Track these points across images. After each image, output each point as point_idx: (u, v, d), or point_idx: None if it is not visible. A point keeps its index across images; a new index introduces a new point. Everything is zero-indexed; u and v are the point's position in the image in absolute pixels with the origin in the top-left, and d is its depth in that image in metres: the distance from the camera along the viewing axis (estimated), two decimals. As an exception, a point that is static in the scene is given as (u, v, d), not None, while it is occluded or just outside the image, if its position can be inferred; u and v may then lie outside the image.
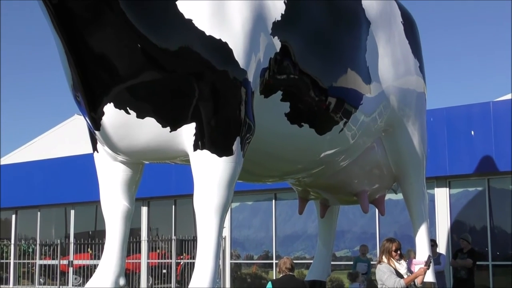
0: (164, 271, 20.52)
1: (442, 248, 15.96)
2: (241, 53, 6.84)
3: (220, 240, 6.77)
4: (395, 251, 8.36)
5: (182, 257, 20.31)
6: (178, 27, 6.59)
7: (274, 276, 18.17)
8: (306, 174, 9.82)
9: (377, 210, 11.81)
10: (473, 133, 15.98)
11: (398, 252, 8.40)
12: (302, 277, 14.09)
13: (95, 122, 6.79)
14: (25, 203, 24.64)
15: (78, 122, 25.94)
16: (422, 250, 10.42)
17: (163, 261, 20.85)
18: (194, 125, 6.73)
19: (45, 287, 22.61)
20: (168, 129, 6.75)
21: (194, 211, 6.79)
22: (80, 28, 6.26)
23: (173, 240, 19.94)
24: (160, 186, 20.46)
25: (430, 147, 12.56)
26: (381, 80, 9.49)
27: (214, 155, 6.72)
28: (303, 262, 18.73)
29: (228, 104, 6.81)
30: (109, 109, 6.63)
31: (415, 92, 10.43)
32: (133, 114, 6.64)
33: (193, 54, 6.60)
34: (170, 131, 6.76)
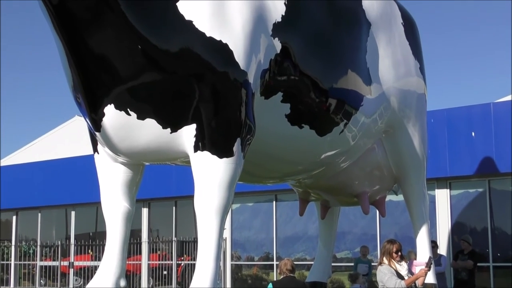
0: (164, 273, 20.52)
1: (443, 249, 15.94)
2: (241, 54, 6.84)
3: (220, 241, 6.76)
4: (396, 253, 8.36)
5: (182, 258, 20.29)
6: (178, 28, 6.58)
7: (275, 277, 18.16)
8: (307, 175, 9.82)
9: (377, 212, 11.80)
10: (473, 134, 15.97)
11: (399, 253, 8.41)
12: (302, 278, 14.08)
13: (96, 123, 6.79)
14: (25, 204, 24.65)
15: (79, 123, 25.96)
16: (423, 252, 10.42)
17: (164, 262, 20.83)
18: (194, 126, 6.73)
19: (45, 289, 22.63)
20: (168, 130, 6.74)
21: (195, 213, 6.79)
22: (80, 29, 6.26)
23: (173, 241, 19.94)
24: (160, 188, 20.45)
25: (431, 148, 12.56)
26: (381, 81, 9.49)
27: (215, 157, 6.72)
28: (304, 263, 18.72)
29: (228, 105, 6.81)
30: (109, 110, 6.62)
31: (416, 93, 10.43)
32: (133, 115, 6.64)
33: (193, 55, 6.60)
34: (171, 133, 6.76)
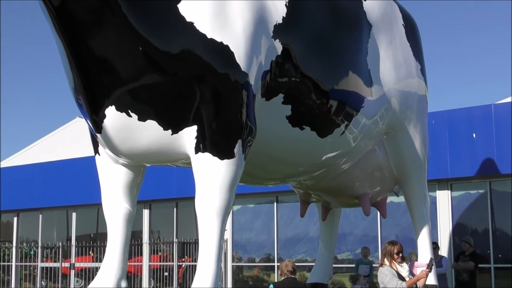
0: (165, 274, 20.49)
1: (444, 250, 15.94)
2: (242, 56, 6.84)
3: (221, 242, 6.76)
4: (397, 254, 8.36)
5: (183, 260, 20.28)
6: (179, 30, 6.59)
7: (276, 278, 18.15)
8: (308, 176, 9.81)
9: (378, 213, 11.80)
10: (474, 135, 15.97)
11: (400, 254, 8.41)
12: (304, 279, 14.08)
13: (97, 125, 6.79)
14: (26, 206, 24.66)
15: (80, 125, 25.97)
16: (424, 253, 10.42)
17: (165, 263, 20.82)
18: (195, 127, 6.73)
19: (46, 290, 22.62)
20: (169, 131, 6.75)
21: (196, 214, 6.79)
22: (81, 30, 6.26)
23: (174, 242, 19.90)
24: (161, 189, 20.45)
25: (432, 150, 12.55)
26: (382, 82, 9.49)
27: (216, 158, 6.72)
28: (305, 264, 18.70)
29: (229, 107, 6.81)
30: (110, 112, 6.63)
31: (417, 94, 10.43)
32: (134, 117, 6.64)
33: (194, 57, 6.60)
34: (172, 134, 6.76)
